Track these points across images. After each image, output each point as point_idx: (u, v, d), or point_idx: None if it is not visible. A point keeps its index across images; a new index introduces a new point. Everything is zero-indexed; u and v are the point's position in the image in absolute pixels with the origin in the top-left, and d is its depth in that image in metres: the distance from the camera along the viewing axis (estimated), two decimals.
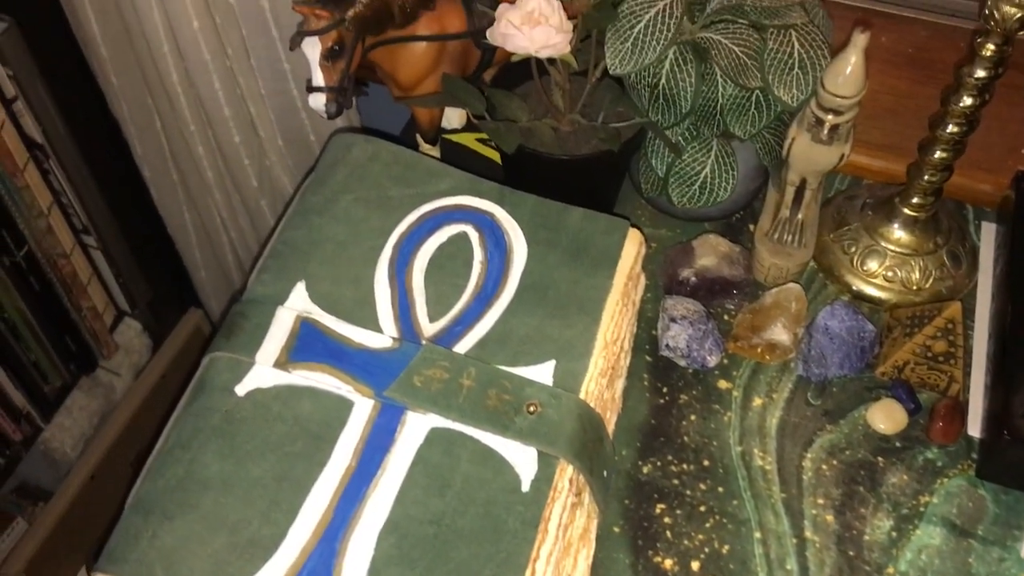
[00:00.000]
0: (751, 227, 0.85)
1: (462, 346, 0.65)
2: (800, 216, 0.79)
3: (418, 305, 0.67)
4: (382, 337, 0.64)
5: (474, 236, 0.70)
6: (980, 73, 0.68)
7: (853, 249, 0.80)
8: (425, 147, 0.85)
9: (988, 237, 0.84)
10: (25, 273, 1.10)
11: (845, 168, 0.89)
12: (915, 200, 0.77)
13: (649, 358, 0.77)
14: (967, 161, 0.88)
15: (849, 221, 0.82)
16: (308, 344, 0.64)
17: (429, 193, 0.72)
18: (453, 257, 0.69)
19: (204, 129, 1.02)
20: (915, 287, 0.79)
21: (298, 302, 0.66)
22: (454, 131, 0.92)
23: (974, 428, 0.73)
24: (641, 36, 0.72)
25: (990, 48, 0.66)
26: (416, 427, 0.61)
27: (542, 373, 0.64)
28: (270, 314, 0.65)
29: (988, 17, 0.64)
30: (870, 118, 0.91)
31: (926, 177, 0.75)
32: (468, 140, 0.93)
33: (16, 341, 1.13)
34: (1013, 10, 0.62)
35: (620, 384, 0.72)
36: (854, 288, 0.80)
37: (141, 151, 1.12)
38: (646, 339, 0.78)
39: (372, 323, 0.65)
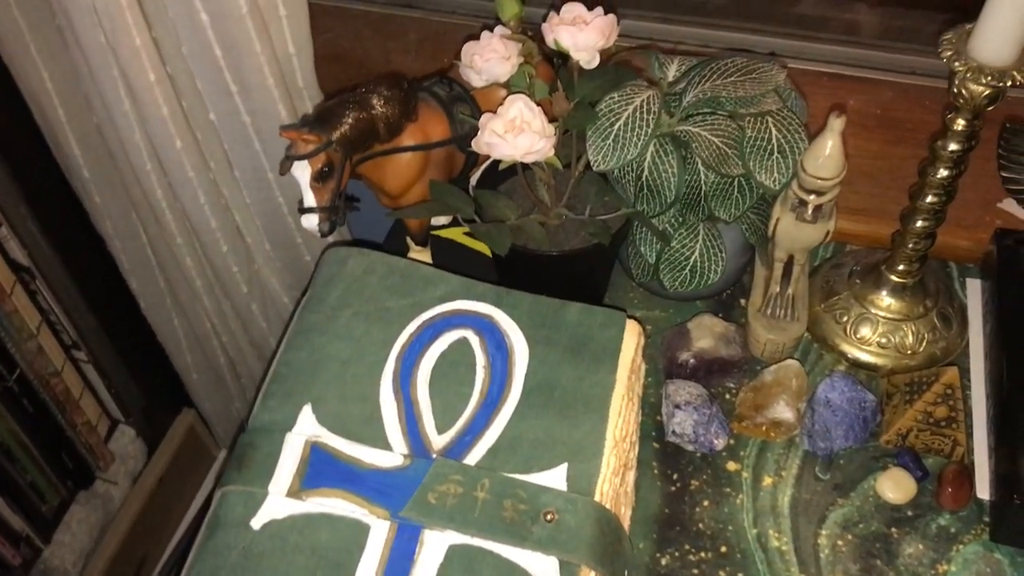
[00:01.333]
0: (742, 302, 0.87)
1: (473, 456, 0.65)
2: (791, 291, 0.80)
3: (425, 417, 0.67)
4: (393, 455, 0.64)
5: (475, 341, 0.71)
6: (953, 147, 0.70)
7: (845, 318, 0.82)
8: (415, 249, 0.86)
9: (975, 294, 0.86)
10: (18, 396, 1.09)
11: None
12: (901, 267, 0.79)
13: (656, 445, 0.78)
14: (947, 218, 0.90)
15: (838, 290, 0.83)
16: (320, 470, 0.63)
17: (426, 301, 0.73)
18: (456, 364, 0.69)
19: (191, 240, 1.02)
20: (909, 351, 0.80)
21: (306, 426, 0.66)
22: (442, 227, 0.93)
23: (983, 491, 0.73)
24: (621, 133, 0.73)
25: (961, 123, 0.68)
26: (435, 546, 0.61)
27: (555, 478, 0.64)
28: (279, 441, 0.64)
29: (957, 95, 0.66)
30: (846, 183, 0.91)
31: (910, 245, 0.77)
32: (457, 235, 0.94)
33: (11, 464, 1.12)
34: (980, 88, 0.64)
35: (632, 476, 0.73)
36: (850, 356, 0.81)
37: (128, 265, 1.12)
38: (651, 425, 0.79)
39: (381, 441, 0.65)
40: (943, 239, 0.89)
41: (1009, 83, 0.63)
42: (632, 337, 0.72)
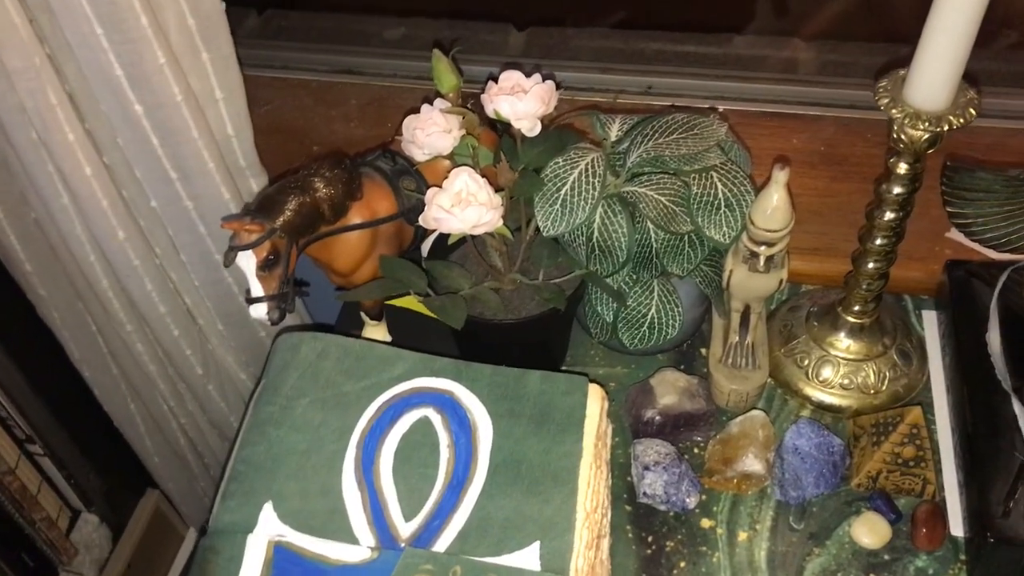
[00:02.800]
0: (703, 351, 0.86)
1: (442, 542, 0.63)
2: (750, 339, 0.80)
3: (391, 505, 0.65)
4: (360, 549, 0.62)
5: (436, 419, 0.69)
6: (898, 190, 0.70)
7: (806, 362, 0.81)
8: (371, 324, 0.85)
9: (931, 326, 0.87)
10: None
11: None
12: (857, 308, 0.79)
13: (629, 507, 0.77)
14: (898, 252, 0.91)
15: (797, 334, 0.83)
16: (285, 570, 0.62)
17: (384, 382, 0.71)
18: (419, 446, 0.68)
19: (140, 327, 1.00)
20: (872, 391, 0.80)
21: (268, 526, 0.64)
22: (396, 296, 0.92)
23: (957, 528, 0.73)
24: (568, 197, 0.73)
25: (903, 167, 0.69)
26: None
27: (528, 558, 0.63)
28: (241, 545, 0.62)
29: (896, 140, 0.66)
30: (796, 223, 0.93)
31: (863, 287, 0.77)
32: (413, 303, 0.91)
33: None
34: (919, 132, 0.65)
35: (606, 544, 0.71)
36: (814, 400, 0.81)
37: (79, 354, 1.09)
38: (622, 487, 0.78)
39: (347, 534, 0.63)
40: (896, 272, 0.89)
41: (946, 127, 0.63)
42: (596, 402, 0.71)
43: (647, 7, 1.23)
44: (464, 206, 0.69)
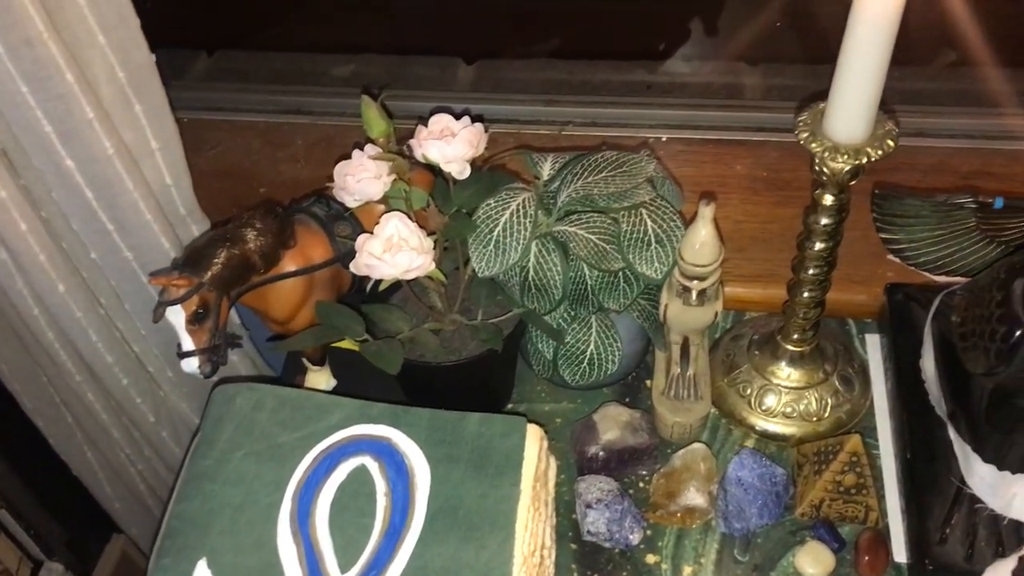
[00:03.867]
0: (648, 383, 0.86)
1: None
2: (691, 371, 0.80)
3: (327, 556, 0.65)
4: None
5: (374, 467, 0.69)
6: (825, 221, 0.71)
7: (748, 391, 0.82)
8: (313, 370, 0.84)
9: (874, 349, 0.87)
10: None
11: (726, 304, 0.92)
12: (795, 336, 0.79)
13: (574, 545, 0.76)
14: (838, 276, 0.91)
15: (739, 363, 0.83)
16: None
17: (320, 431, 0.71)
18: (356, 495, 0.68)
19: (90, 377, 0.99)
20: (815, 418, 0.80)
21: None
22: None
23: (900, 554, 0.73)
24: (501, 238, 0.73)
25: (829, 199, 0.69)
26: None
27: None
28: None
29: (819, 173, 0.67)
30: (738, 250, 0.94)
31: (800, 315, 0.78)
32: (355, 345, 0.92)
33: None
34: (840, 164, 0.65)
35: None
36: (758, 428, 0.81)
37: (31, 404, 1.08)
38: (568, 525, 0.77)
39: None
40: (838, 296, 0.90)
41: (865, 160, 0.64)
42: (534, 443, 0.71)
43: (593, 36, 1.23)
44: (395, 251, 0.69)
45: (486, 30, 1.27)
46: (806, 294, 0.76)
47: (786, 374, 0.81)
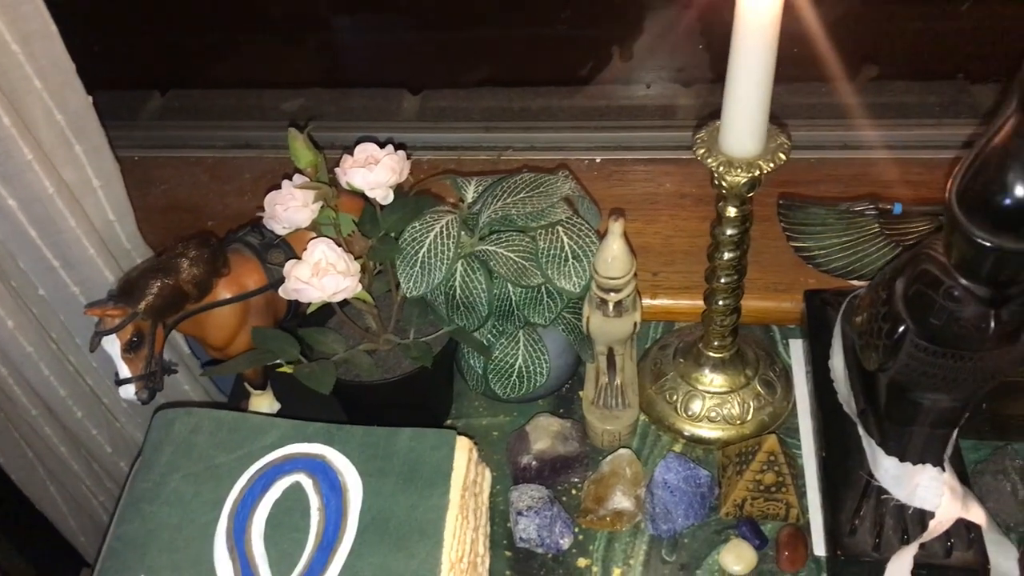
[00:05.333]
0: (580, 393, 0.90)
1: None
2: (619, 380, 0.83)
3: (262, 571, 0.67)
4: None
5: (308, 484, 0.72)
6: (730, 231, 0.74)
7: (675, 397, 0.85)
8: (256, 394, 0.87)
9: (797, 353, 0.90)
10: None
11: (656, 315, 0.95)
12: (716, 343, 0.83)
13: (508, 553, 0.79)
14: (763, 285, 0.95)
15: (666, 371, 0.87)
16: None
17: (256, 451, 0.74)
18: (290, 511, 0.70)
19: (45, 411, 1.01)
20: (739, 421, 0.83)
21: None
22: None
23: (819, 548, 0.76)
24: (426, 259, 0.76)
25: (732, 211, 0.73)
26: None
27: None
28: None
29: (719, 186, 0.71)
30: (668, 264, 0.98)
31: (717, 323, 0.81)
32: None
33: None
34: (736, 178, 0.69)
35: None
36: (686, 433, 0.84)
37: None
38: (503, 533, 0.80)
39: None
40: (764, 304, 0.94)
41: (757, 172, 0.68)
42: (463, 454, 0.74)
43: (532, 64, 1.28)
44: (322, 275, 0.73)
45: (431, 61, 1.32)
46: (720, 302, 0.80)
47: (709, 380, 0.84)
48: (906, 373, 0.63)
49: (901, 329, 0.61)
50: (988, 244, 0.54)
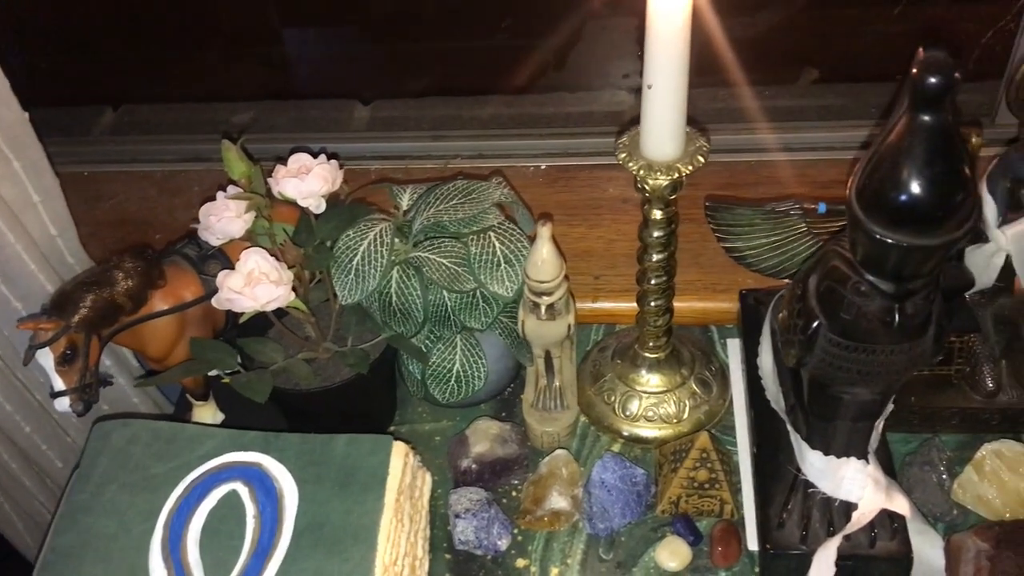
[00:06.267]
0: (522, 397, 0.91)
1: None
2: (557, 382, 0.85)
3: None
4: None
5: (244, 491, 0.72)
6: (657, 233, 0.76)
7: (613, 398, 0.86)
8: (198, 405, 0.88)
9: (734, 352, 0.92)
10: None
11: (598, 318, 0.97)
12: (651, 344, 0.84)
13: (448, 555, 0.80)
14: (703, 286, 0.97)
15: (604, 373, 0.88)
16: None
17: (193, 460, 0.74)
18: (226, 519, 0.71)
19: None
20: (675, 420, 0.85)
21: None
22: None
23: (753, 543, 0.78)
24: (360, 266, 0.77)
25: (657, 213, 0.74)
26: None
27: None
28: None
29: (642, 190, 0.72)
30: (610, 267, 0.99)
31: (651, 324, 0.83)
32: None
33: None
34: (660, 181, 0.71)
35: None
36: (624, 433, 0.86)
37: None
38: (443, 536, 0.81)
39: None
40: (702, 305, 0.96)
41: (677, 175, 0.69)
42: (399, 459, 0.75)
43: (482, 73, 1.29)
44: (255, 285, 0.74)
45: (382, 72, 1.33)
46: (653, 303, 0.81)
47: (646, 380, 0.85)
48: (822, 368, 0.64)
49: (815, 325, 0.62)
50: (888, 240, 0.55)
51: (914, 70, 0.52)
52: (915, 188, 0.53)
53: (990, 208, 0.77)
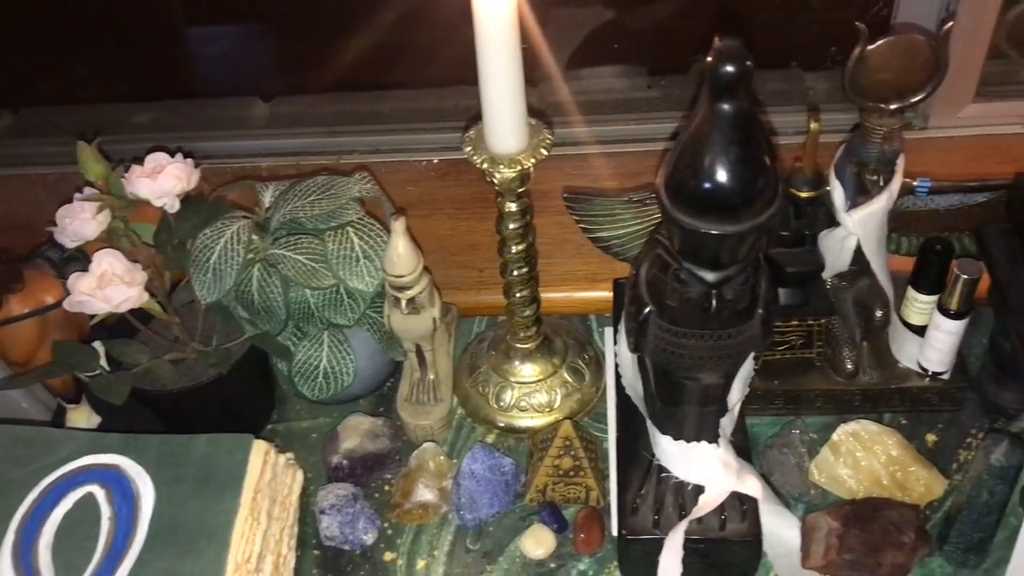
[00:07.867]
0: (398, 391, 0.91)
1: None
2: (431, 375, 0.85)
3: None
4: None
5: (100, 494, 0.72)
6: (513, 225, 0.76)
7: (487, 389, 0.87)
8: (71, 408, 0.87)
9: (609, 342, 0.93)
10: None
11: (482, 311, 0.97)
12: (521, 334, 0.85)
13: (317, 552, 0.80)
14: (583, 275, 0.98)
15: (480, 364, 0.88)
16: None
17: (50, 464, 0.74)
18: (80, 522, 0.71)
19: None
20: (548, 409, 0.86)
21: None
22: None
23: (615, 529, 0.79)
24: (217, 265, 0.77)
25: (511, 206, 0.75)
26: None
27: None
28: None
29: (492, 183, 0.72)
30: (493, 260, 0.98)
31: (519, 314, 0.83)
32: None
33: None
34: (508, 173, 0.71)
35: None
36: (499, 424, 0.86)
37: None
38: (312, 533, 0.81)
39: None
40: (582, 295, 0.96)
41: (521, 168, 0.70)
42: (259, 457, 0.75)
43: (382, 69, 1.29)
44: (106, 286, 0.73)
45: (282, 69, 1.32)
46: (518, 294, 0.82)
47: (518, 370, 0.86)
48: (657, 354, 0.65)
49: (645, 311, 0.63)
50: (696, 229, 0.56)
51: (709, 59, 0.52)
52: (715, 175, 0.54)
53: (838, 193, 0.78)
